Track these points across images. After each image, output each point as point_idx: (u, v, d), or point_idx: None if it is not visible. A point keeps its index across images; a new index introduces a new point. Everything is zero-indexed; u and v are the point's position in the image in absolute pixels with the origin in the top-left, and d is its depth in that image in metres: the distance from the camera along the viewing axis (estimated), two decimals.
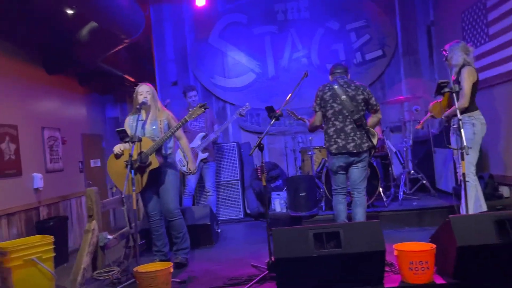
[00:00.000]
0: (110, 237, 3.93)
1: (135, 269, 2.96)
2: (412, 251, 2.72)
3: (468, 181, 3.84)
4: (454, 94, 3.44)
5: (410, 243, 2.92)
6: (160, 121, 3.78)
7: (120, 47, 6.95)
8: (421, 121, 4.36)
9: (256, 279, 3.04)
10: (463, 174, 3.54)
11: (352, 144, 3.74)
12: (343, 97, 3.77)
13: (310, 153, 5.07)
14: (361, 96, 3.79)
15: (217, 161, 5.71)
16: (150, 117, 3.81)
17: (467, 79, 3.80)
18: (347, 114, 3.77)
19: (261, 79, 6.43)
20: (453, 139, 4.07)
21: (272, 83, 6.40)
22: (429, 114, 4.30)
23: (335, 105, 3.79)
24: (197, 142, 5.37)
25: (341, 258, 2.70)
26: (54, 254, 3.00)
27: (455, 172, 4.80)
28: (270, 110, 3.45)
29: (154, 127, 3.77)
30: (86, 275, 3.57)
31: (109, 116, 10.40)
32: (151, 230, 3.93)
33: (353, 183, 3.84)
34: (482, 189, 4.00)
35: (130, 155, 3.47)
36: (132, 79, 9.55)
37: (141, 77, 9.63)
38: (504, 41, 4.38)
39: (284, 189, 5.44)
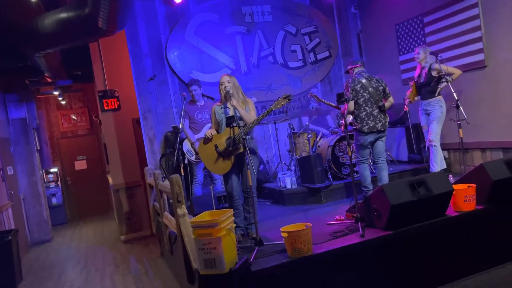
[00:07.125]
0: None
1: (283, 229, 3.47)
2: (466, 189, 4.00)
3: (435, 146, 5.45)
4: (445, 81, 5.00)
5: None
6: (243, 109, 4.23)
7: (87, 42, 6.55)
8: (405, 106, 5.84)
9: (360, 227, 3.89)
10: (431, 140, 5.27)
11: (379, 124, 4.89)
12: (370, 88, 4.89)
13: (309, 136, 6.02)
14: (381, 87, 4.97)
15: None
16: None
17: (440, 72, 5.33)
18: (373, 101, 4.90)
19: (235, 75, 6.91)
20: (422, 118, 5.64)
21: (245, 78, 7.07)
22: (407, 100, 5.76)
23: (365, 94, 4.88)
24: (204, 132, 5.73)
25: (430, 198, 3.80)
26: (235, 224, 3.28)
27: (411, 144, 6.48)
28: (341, 96, 4.30)
29: (237, 114, 4.20)
30: None
31: (13, 117, 9.20)
32: (232, 208, 4.33)
33: (379, 153, 5.01)
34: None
35: (231, 138, 3.94)
36: (49, 79, 8.68)
37: (59, 77, 8.79)
38: (439, 48, 6.16)
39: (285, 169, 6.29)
